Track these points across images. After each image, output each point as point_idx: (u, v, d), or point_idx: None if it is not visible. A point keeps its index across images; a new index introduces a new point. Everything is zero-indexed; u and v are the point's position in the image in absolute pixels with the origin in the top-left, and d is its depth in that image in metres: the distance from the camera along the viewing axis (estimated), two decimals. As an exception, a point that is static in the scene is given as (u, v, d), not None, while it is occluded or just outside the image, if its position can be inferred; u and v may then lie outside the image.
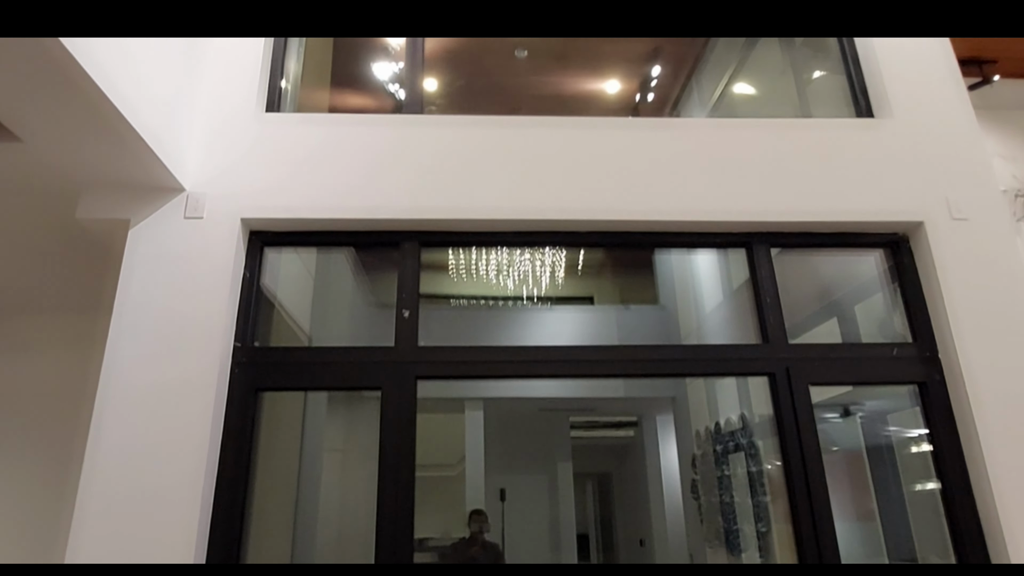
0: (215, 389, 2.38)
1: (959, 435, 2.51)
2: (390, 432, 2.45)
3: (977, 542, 2.41)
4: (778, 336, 2.61)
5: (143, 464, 2.27)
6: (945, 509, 2.50)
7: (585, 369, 2.58)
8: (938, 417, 2.52)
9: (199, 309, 2.44)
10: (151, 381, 2.35)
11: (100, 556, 2.17)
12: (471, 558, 5.37)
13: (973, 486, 2.46)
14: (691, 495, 5.89)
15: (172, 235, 2.52)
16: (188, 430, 2.31)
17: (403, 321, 2.58)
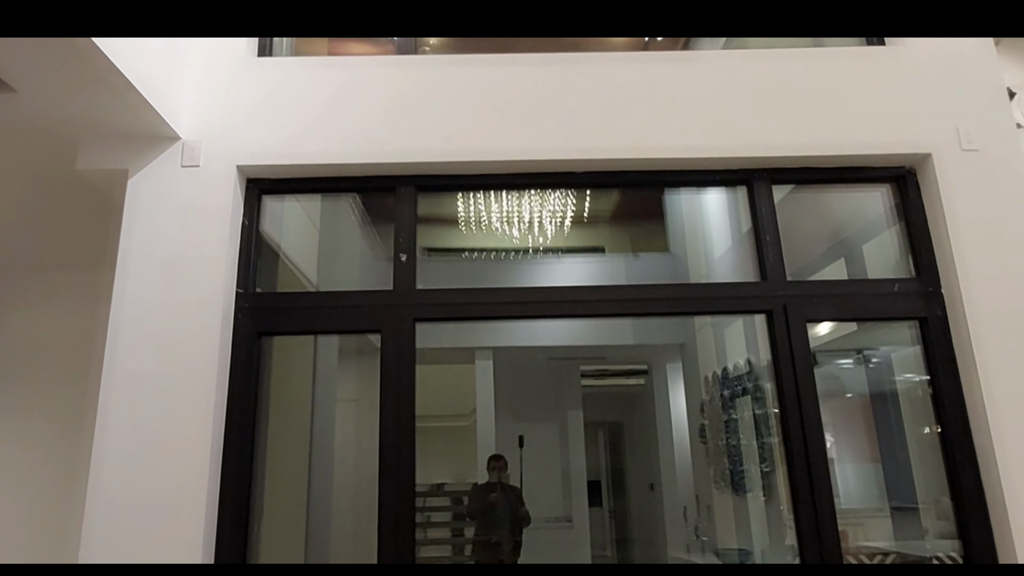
0: (219, 335, 2.42)
1: (959, 372, 2.50)
2: (390, 375, 2.49)
3: (973, 483, 2.42)
4: (777, 274, 2.60)
5: (154, 412, 2.33)
6: (943, 450, 2.51)
7: (581, 309, 2.58)
8: (938, 353, 2.51)
9: (200, 257, 2.47)
10: (157, 329, 2.40)
11: (117, 500, 2.26)
12: (491, 501, 5.52)
13: (971, 425, 2.46)
14: (699, 439, 5.97)
15: (170, 184, 2.54)
16: (195, 375, 2.37)
17: (401, 265, 2.60)
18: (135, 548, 2.23)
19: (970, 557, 2.39)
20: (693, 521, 6.31)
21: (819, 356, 4.93)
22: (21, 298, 3.96)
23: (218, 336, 2.42)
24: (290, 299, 2.64)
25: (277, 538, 3.13)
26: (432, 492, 7.65)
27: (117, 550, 2.22)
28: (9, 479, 3.75)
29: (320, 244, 4.09)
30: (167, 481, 2.28)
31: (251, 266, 2.60)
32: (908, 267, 2.65)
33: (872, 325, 3.41)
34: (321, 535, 4.38)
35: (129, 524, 2.25)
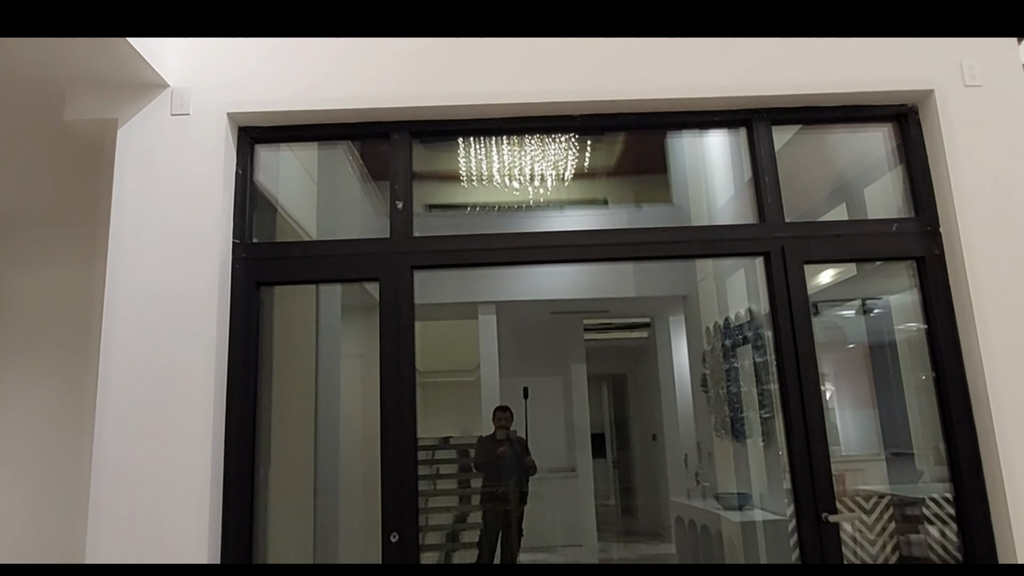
0: (218, 285, 2.43)
1: (955, 313, 2.49)
2: (389, 324, 2.51)
3: (966, 424, 2.43)
4: (775, 215, 2.57)
5: (155, 365, 2.35)
6: (937, 393, 2.51)
7: (581, 254, 2.57)
8: (935, 293, 2.50)
9: (195, 207, 2.46)
10: (155, 282, 2.41)
11: (122, 456, 2.29)
12: (498, 453, 5.62)
13: (966, 367, 2.46)
14: (701, 389, 6.03)
15: (161, 133, 2.51)
16: (195, 327, 2.38)
17: (397, 212, 2.59)
18: (144, 496, 2.27)
19: (960, 498, 2.42)
20: (694, 468, 6.42)
21: (820, 307, 4.95)
22: (18, 256, 3.98)
23: (216, 287, 2.42)
24: (287, 248, 2.64)
25: (285, 489, 3.19)
26: (440, 445, 7.79)
27: (126, 498, 2.27)
28: (15, 434, 3.81)
29: (319, 199, 4.08)
30: (172, 435, 2.31)
31: (247, 216, 2.59)
32: (908, 207, 2.62)
33: (871, 272, 3.41)
34: (329, 485, 4.48)
35: (137, 474, 2.28)
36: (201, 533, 2.26)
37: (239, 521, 2.38)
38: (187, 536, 2.25)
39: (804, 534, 2.37)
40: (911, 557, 3.73)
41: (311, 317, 4.24)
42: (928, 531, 3.34)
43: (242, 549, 2.37)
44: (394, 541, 2.37)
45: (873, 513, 4.21)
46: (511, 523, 5.66)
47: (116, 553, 2.23)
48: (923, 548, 3.45)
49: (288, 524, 3.32)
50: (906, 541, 3.78)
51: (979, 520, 2.37)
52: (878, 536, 4.13)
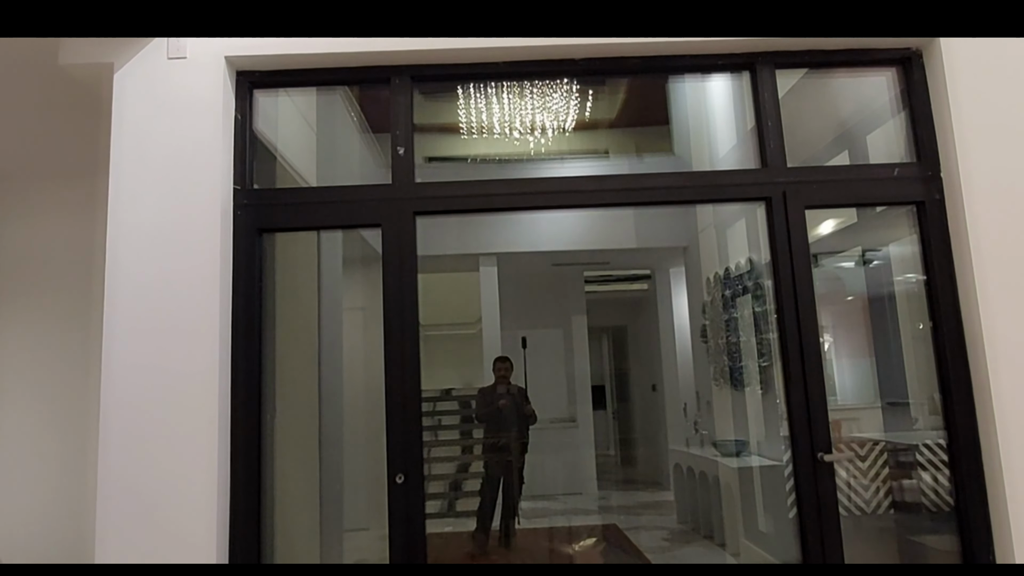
0: (220, 232, 2.43)
1: (953, 258, 2.50)
2: (392, 270, 2.52)
3: (961, 370, 2.46)
4: (777, 160, 2.57)
5: (159, 313, 2.36)
6: (934, 339, 2.54)
7: (581, 200, 2.57)
8: (934, 239, 2.51)
9: (194, 154, 2.44)
10: (156, 230, 2.40)
11: (129, 403, 2.31)
12: (499, 405, 5.70)
13: (962, 313, 2.48)
14: (700, 339, 6.09)
15: (158, 78, 2.48)
16: (198, 275, 2.39)
17: (399, 158, 2.57)
18: (150, 446, 2.30)
19: (953, 444, 2.47)
20: (693, 416, 6.53)
21: (820, 258, 4.97)
22: (17, 208, 3.96)
23: (218, 234, 2.42)
24: (289, 195, 2.64)
25: (290, 437, 3.24)
26: (441, 397, 7.92)
27: (132, 449, 2.29)
28: (20, 384, 3.86)
29: (318, 149, 4.05)
30: (178, 384, 2.33)
31: (247, 162, 2.57)
32: (910, 153, 2.61)
33: (872, 219, 3.41)
34: (334, 434, 4.55)
35: (143, 426, 2.31)
36: (210, 475, 2.30)
37: (247, 464, 2.43)
38: (196, 476, 2.30)
39: (800, 473, 2.43)
40: (904, 503, 3.82)
41: (313, 269, 4.25)
42: (921, 477, 3.42)
43: (251, 491, 2.42)
44: (400, 482, 2.44)
45: (867, 459, 4.31)
46: (512, 471, 5.78)
47: (125, 489, 2.28)
48: (916, 493, 3.54)
49: (295, 468, 3.39)
50: (899, 487, 3.87)
51: (971, 465, 2.43)
52: (871, 481, 4.23)
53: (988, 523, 2.39)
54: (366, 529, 5.31)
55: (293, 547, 3.28)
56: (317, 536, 3.83)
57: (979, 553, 2.38)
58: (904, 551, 3.47)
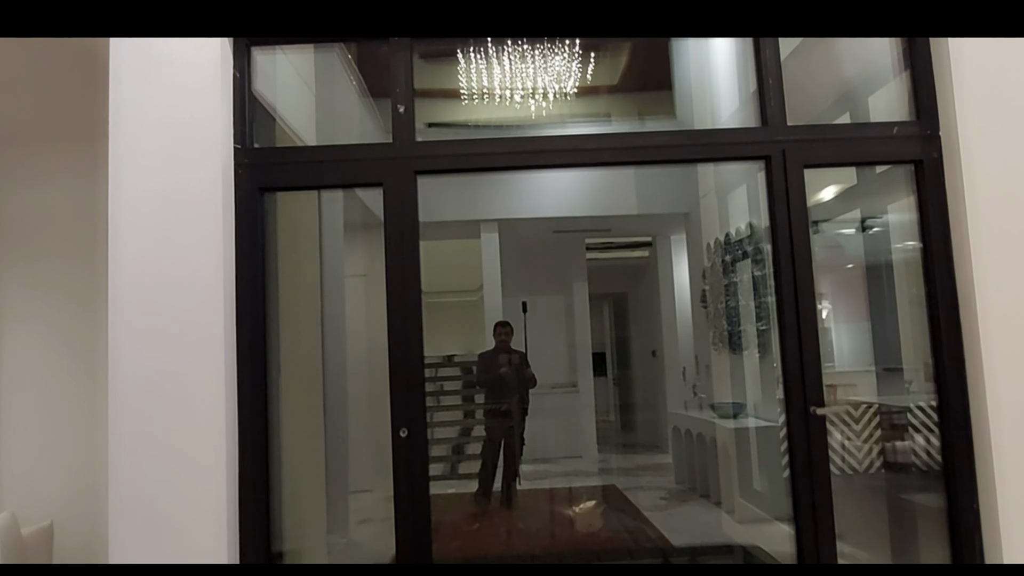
0: (221, 191, 2.42)
1: (949, 219, 2.51)
2: (394, 230, 2.54)
3: (953, 332, 2.49)
4: (777, 119, 2.57)
5: (165, 272, 2.37)
6: (927, 299, 2.56)
7: (582, 158, 2.59)
8: (931, 198, 2.52)
9: (193, 114, 2.43)
10: (158, 191, 2.39)
11: (137, 362, 2.33)
12: (500, 372, 5.78)
13: (956, 273, 2.50)
14: (700, 304, 6.14)
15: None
16: (202, 233, 2.39)
17: (399, 116, 2.57)
18: (158, 408, 2.32)
19: (944, 406, 2.51)
20: (691, 380, 6.61)
21: (821, 224, 4.98)
22: (18, 173, 3.97)
23: (220, 193, 2.41)
24: (290, 154, 2.65)
25: (295, 404, 3.28)
26: (444, 363, 8.01)
27: (141, 410, 2.32)
28: (25, 351, 3.90)
29: (317, 111, 4.04)
30: (184, 344, 2.35)
31: (246, 121, 2.57)
32: (910, 111, 2.61)
33: (871, 181, 3.41)
34: (338, 403, 4.63)
35: (151, 387, 2.32)
36: (218, 436, 2.33)
37: (254, 426, 2.46)
38: (203, 439, 2.33)
39: (792, 426, 2.49)
40: (895, 463, 3.90)
41: (314, 233, 4.27)
42: (913, 438, 3.49)
43: (259, 452, 2.46)
44: (403, 436, 2.50)
45: (861, 421, 4.38)
46: (513, 434, 5.88)
47: (134, 455, 2.31)
48: (907, 454, 3.61)
49: (300, 431, 3.45)
50: (892, 448, 3.94)
51: (959, 427, 2.47)
52: (864, 442, 4.31)
53: (974, 481, 2.45)
54: (370, 491, 5.43)
55: (300, 508, 3.35)
56: (323, 497, 3.92)
57: (964, 509, 2.45)
58: (893, 508, 3.56)
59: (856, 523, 3.63)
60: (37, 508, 3.74)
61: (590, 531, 5.01)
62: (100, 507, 3.78)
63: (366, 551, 4.15)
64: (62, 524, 3.67)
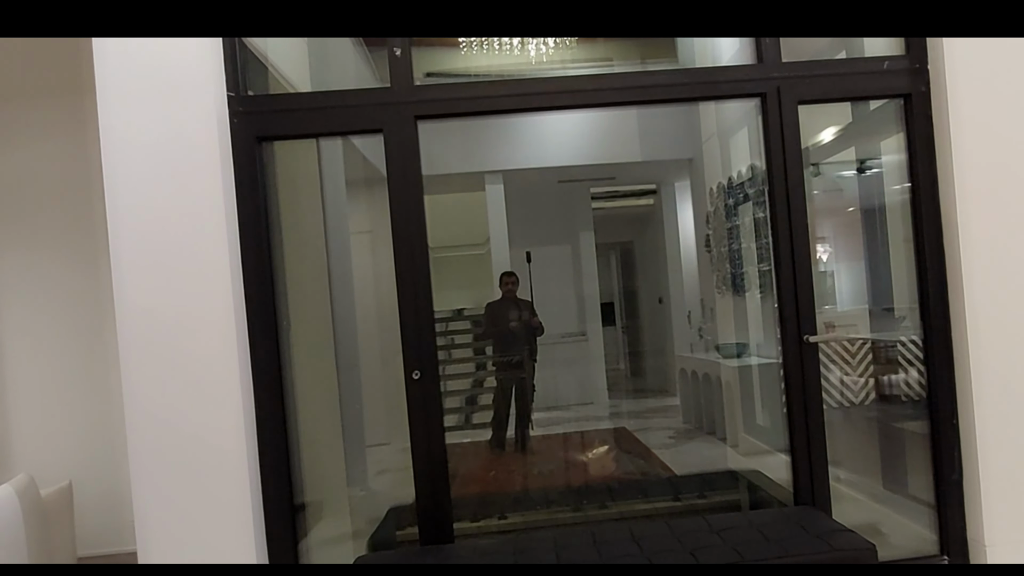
0: (218, 141, 2.37)
1: (936, 155, 2.57)
2: (398, 174, 2.57)
3: (939, 273, 2.59)
4: (772, 55, 2.61)
5: (165, 227, 2.33)
6: (914, 230, 2.64)
7: (580, 99, 2.62)
8: (919, 133, 2.58)
9: (182, 62, 2.36)
10: (152, 142, 2.34)
11: (147, 317, 2.33)
12: (507, 317, 5.90)
13: (941, 204, 2.57)
14: (704, 249, 6.21)
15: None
16: (201, 185, 2.35)
17: (396, 60, 2.57)
18: (171, 369, 2.34)
19: (929, 341, 2.64)
20: (697, 323, 6.73)
21: (821, 166, 5.00)
22: (9, 129, 3.84)
23: (216, 143, 2.36)
24: (286, 100, 2.62)
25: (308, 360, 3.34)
26: (454, 317, 8.15)
27: (155, 367, 2.33)
28: (33, 313, 3.86)
29: (310, 60, 4.02)
30: (192, 302, 2.34)
31: (239, 68, 2.54)
32: (900, 45, 2.64)
33: (866, 118, 3.44)
34: (351, 359, 4.74)
35: (161, 349, 2.33)
36: (234, 394, 2.36)
37: (269, 382, 2.52)
38: (220, 396, 2.36)
39: (788, 354, 2.61)
40: (890, 395, 4.02)
41: (315, 187, 4.26)
42: (907, 371, 3.60)
43: (275, 403, 2.53)
44: (416, 378, 2.62)
45: (857, 356, 4.50)
46: (524, 382, 6.04)
47: (151, 411, 2.33)
48: (899, 387, 3.72)
49: (314, 387, 3.51)
50: (888, 382, 4.07)
51: (943, 360, 2.61)
52: (860, 376, 4.44)
53: (955, 401, 2.60)
54: (387, 444, 5.61)
55: (319, 461, 3.44)
56: (341, 449, 4.05)
57: (945, 426, 2.59)
58: (885, 436, 3.70)
59: (852, 451, 3.79)
60: (55, 469, 3.73)
61: (604, 473, 5.19)
62: (120, 464, 3.83)
63: (386, 499, 4.32)
64: (81, 483, 3.66)
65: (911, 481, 2.96)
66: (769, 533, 2.20)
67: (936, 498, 2.63)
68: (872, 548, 2.08)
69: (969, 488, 2.55)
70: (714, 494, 3.82)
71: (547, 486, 4.81)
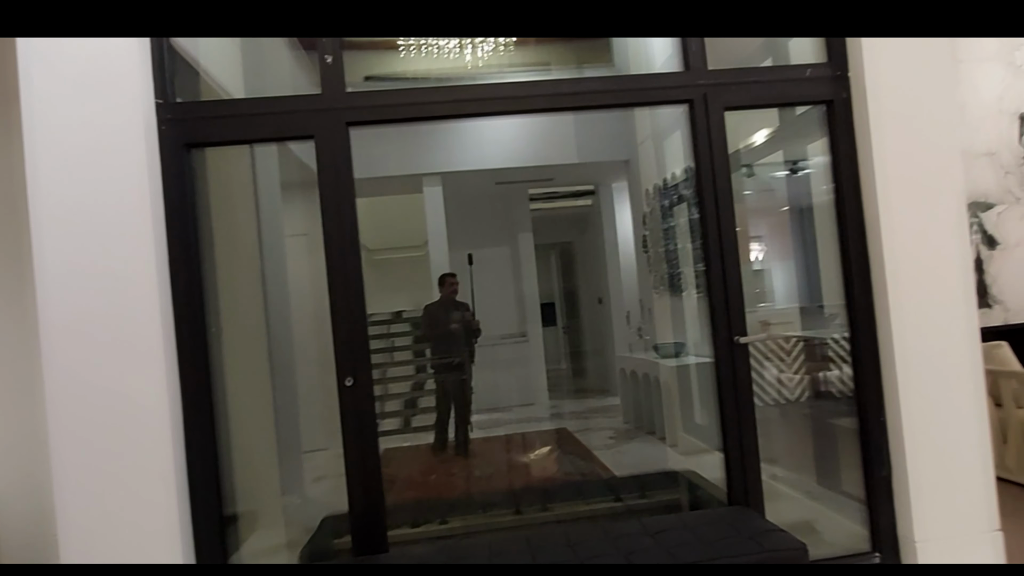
0: (145, 149, 2.34)
1: (858, 157, 2.67)
2: (329, 182, 2.54)
3: (863, 271, 2.68)
4: (699, 63, 2.66)
5: (90, 238, 2.27)
6: (839, 234, 2.73)
7: (513, 105, 2.62)
8: (841, 138, 2.67)
9: (108, 68, 2.31)
10: (77, 150, 2.29)
11: (70, 333, 2.25)
12: (446, 318, 5.85)
13: (864, 208, 2.66)
14: (642, 250, 6.30)
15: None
16: (128, 195, 2.30)
17: (327, 67, 2.55)
18: (96, 376, 2.25)
19: (856, 339, 2.72)
20: (636, 323, 6.83)
21: (755, 167, 5.13)
22: None
23: (144, 151, 2.33)
24: (216, 107, 2.59)
25: (240, 365, 3.25)
26: (393, 320, 8.05)
27: (78, 383, 2.26)
28: None
29: (244, 65, 3.92)
30: (118, 311, 2.28)
31: (166, 74, 2.49)
32: (823, 53, 2.73)
33: (793, 123, 3.55)
34: (286, 363, 4.62)
35: (84, 355, 2.25)
36: (160, 401, 2.29)
37: (197, 389, 2.44)
38: (145, 402, 2.29)
39: (719, 354, 2.65)
40: (824, 392, 4.17)
41: (249, 191, 4.17)
42: (841, 368, 3.73)
43: (203, 413, 2.46)
44: (349, 385, 2.55)
45: (792, 354, 4.66)
46: (462, 384, 6.01)
47: (75, 428, 2.25)
48: (832, 383, 3.86)
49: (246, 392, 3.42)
50: (823, 379, 4.21)
51: (869, 353, 2.70)
52: (796, 374, 4.59)
53: (882, 399, 2.68)
54: (325, 449, 5.48)
55: (252, 469, 3.35)
56: (275, 457, 3.94)
57: (873, 424, 2.68)
58: (818, 432, 3.83)
59: (788, 448, 3.91)
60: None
61: (544, 475, 5.20)
62: (44, 480, 3.70)
63: (321, 507, 4.22)
64: (3, 504, 3.50)
65: (844, 477, 3.04)
66: (703, 535, 2.23)
67: (867, 495, 2.70)
68: (803, 548, 2.13)
69: (898, 484, 2.63)
70: (654, 494, 3.88)
71: (488, 489, 4.79)
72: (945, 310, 2.59)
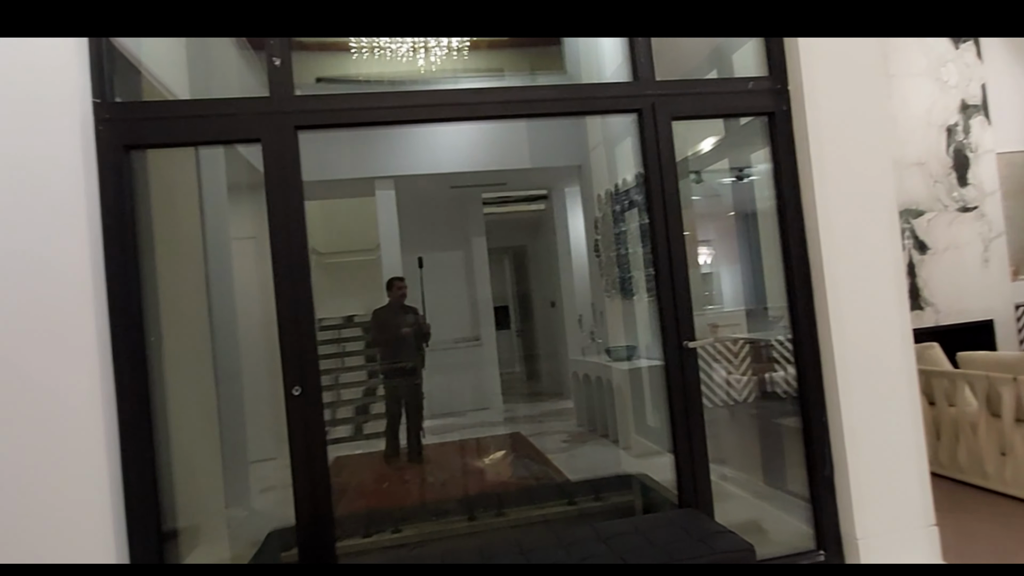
0: (81, 151, 2.25)
1: (797, 166, 2.76)
2: (276, 187, 2.49)
3: (802, 268, 2.76)
4: (647, 74, 2.71)
5: (20, 245, 2.16)
6: (782, 242, 2.81)
7: (464, 112, 2.61)
8: (781, 147, 2.76)
9: (47, 65, 2.22)
10: (6, 152, 2.18)
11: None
12: (402, 333, 5.79)
13: (805, 218, 2.76)
14: (594, 254, 6.37)
15: (-4, -19, 2.26)
16: (60, 198, 2.20)
17: (275, 70, 2.50)
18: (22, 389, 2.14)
19: (797, 342, 2.81)
20: (588, 327, 6.90)
21: (703, 174, 5.25)
22: None
23: (80, 152, 2.24)
24: (157, 108, 2.50)
25: (182, 373, 3.16)
26: (344, 324, 7.94)
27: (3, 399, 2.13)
28: None
29: (190, 64, 3.82)
30: (49, 321, 2.16)
31: (105, 73, 2.40)
32: (764, 67, 2.82)
33: (737, 132, 3.66)
34: (232, 371, 4.50)
35: (13, 368, 2.14)
36: (93, 410, 2.20)
37: (134, 395, 2.35)
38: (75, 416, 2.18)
39: (669, 361, 2.70)
40: (770, 392, 4.29)
41: (193, 194, 4.06)
42: (786, 369, 3.85)
43: (141, 425, 2.36)
44: (296, 394, 2.50)
45: (739, 356, 4.78)
46: (413, 390, 5.97)
47: None
48: (778, 384, 3.97)
49: (189, 401, 3.33)
50: (769, 379, 4.33)
51: (811, 355, 2.79)
52: (743, 375, 4.71)
53: (823, 400, 2.78)
54: (274, 459, 5.36)
55: (195, 482, 3.25)
56: (219, 468, 3.82)
57: (815, 424, 2.77)
58: (765, 431, 3.94)
59: (737, 448, 4.00)
60: None
61: (498, 480, 5.20)
62: None
63: (269, 520, 4.13)
64: None
65: (790, 477, 3.13)
66: (654, 538, 2.27)
67: (811, 494, 2.78)
68: (750, 548, 2.18)
69: (840, 483, 2.72)
70: (607, 497, 3.92)
71: (441, 496, 4.76)
72: (880, 312, 2.70)
